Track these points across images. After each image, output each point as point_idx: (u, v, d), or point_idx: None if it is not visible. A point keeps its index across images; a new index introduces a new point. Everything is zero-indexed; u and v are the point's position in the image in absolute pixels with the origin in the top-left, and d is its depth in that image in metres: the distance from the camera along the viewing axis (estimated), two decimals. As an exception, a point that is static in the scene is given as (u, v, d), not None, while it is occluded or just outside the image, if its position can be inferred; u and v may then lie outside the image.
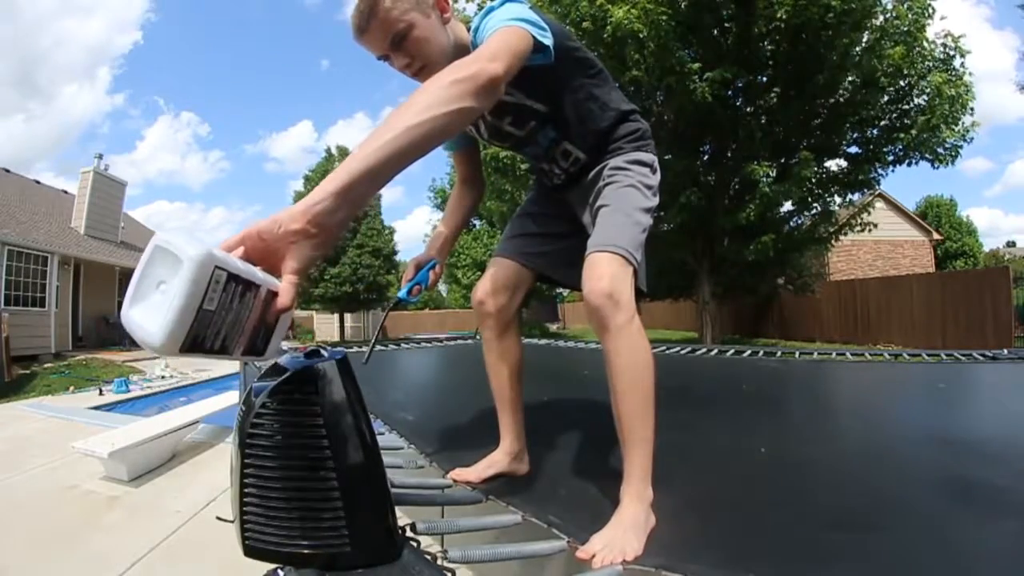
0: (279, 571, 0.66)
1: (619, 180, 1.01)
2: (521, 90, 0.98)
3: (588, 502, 0.97)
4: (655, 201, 1.02)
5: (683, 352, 3.84)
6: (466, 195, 1.25)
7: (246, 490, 0.65)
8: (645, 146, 1.07)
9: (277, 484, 0.64)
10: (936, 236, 17.02)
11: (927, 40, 7.39)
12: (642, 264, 0.95)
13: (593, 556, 0.76)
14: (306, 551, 0.63)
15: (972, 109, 7.58)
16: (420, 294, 1.04)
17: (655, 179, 1.05)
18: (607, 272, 0.85)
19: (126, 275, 13.55)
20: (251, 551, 0.65)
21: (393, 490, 0.76)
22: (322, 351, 0.71)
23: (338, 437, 0.64)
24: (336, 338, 18.24)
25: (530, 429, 1.18)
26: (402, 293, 1.02)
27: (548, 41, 0.87)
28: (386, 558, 0.67)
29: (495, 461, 1.12)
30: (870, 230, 9.31)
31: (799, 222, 9.38)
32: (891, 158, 8.27)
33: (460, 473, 1.10)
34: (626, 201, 0.98)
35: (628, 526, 0.81)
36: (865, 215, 9.38)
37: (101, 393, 6.19)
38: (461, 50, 0.94)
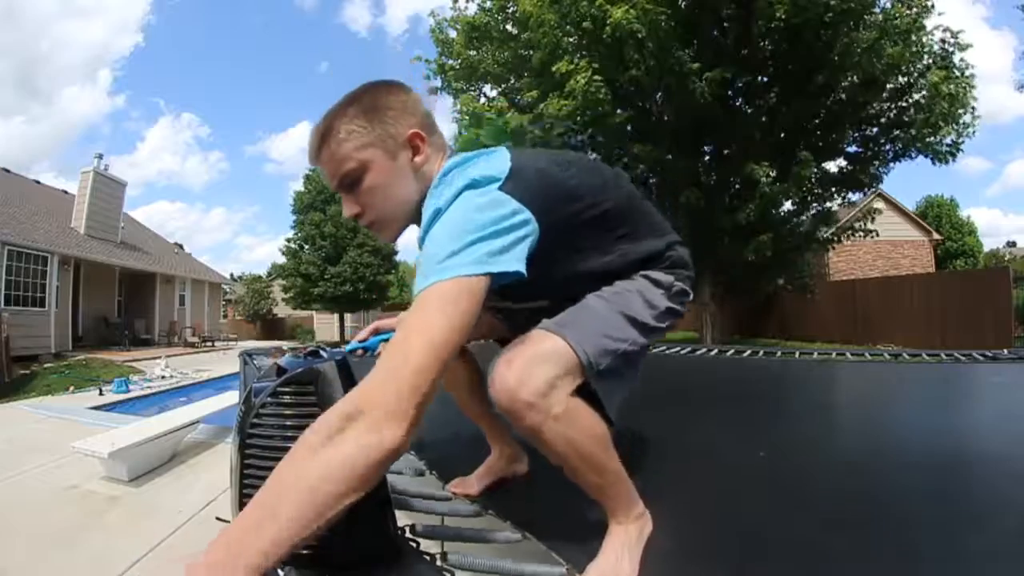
0: (279, 571, 0.66)
1: (620, 285, 0.83)
2: (509, 299, 0.78)
3: (589, 520, 0.95)
4: (655, 324, 0.81)
5: (683, 352, 3.84)
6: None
7: (246, 490, 0.65)
8: (672, 271, 0.88)
9: (277, 484, 0.64)
10: (936, 236, 17.00)
11: (926, 35, 7.36)
12: (619, 382, 0.76)
13: None
14: (306, 551, 0.63)
15: (974, 108, 7.57)
16: (363, 356, 0.94)
17: (666, 303, 0.83)
18: (525, 355, 0.67)
19: (126, 275, 13.54)
20: (251, 551, 0.65)
21: (393, 496, 0.76)
22: (322, 352, 0.71)
23: (338, 437, 0.64)
24: (336, 338, 18.22)
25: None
26: (348, 347, 0.91)
27: (519, 262, 0.64)
28: (386, 559, 0.67)
29: (493, 468, 1.10)
30: (874, 237, 9.31)
31: (799, 222, 9.38)
32: (891, 155, 8.28)
33: (459, 484, 1.08)
34: (619, 299, 0.80)
35: (619, 550, 0.79)
36: (869, 222, 9.31)
37: (101, 393, 6.18)
38: None
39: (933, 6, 7.15)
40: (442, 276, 0.59)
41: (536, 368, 0.66)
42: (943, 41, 7.53)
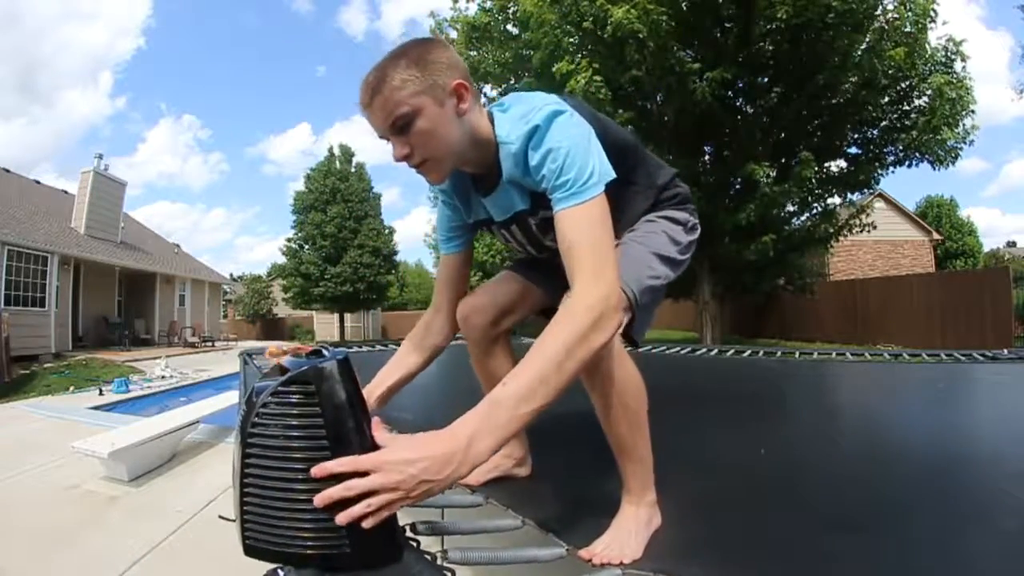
0: (279, 571, 0.65)
1: (646, 228, 0.95)
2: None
3: (589, 508, 0.97)
4: (681, 258, 0.95)
5: (683, 352, 3.84)
6: (435, 330, 1.02)
7: (247, 490, 0.65)
8: (683, 208, 1.01)
9: (278, 484, 0.64)
10: (936, 236, 17.00)
11: (928, 43, 7.38)
12: (648, 314, 0.86)
13: (592, 557, 0.77)
14: (306, 551, 0.63)
15: (973, 111, 7.59)
16: None
17: (686, 238, 0.97)
18: None
19: (126, 275, 13.54)
20: (252, 551, 0.65)
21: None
22: (324, 351, 0.71)
23: (339, 437, 0.64)
24: (336, 338, 18.22)
25: (531, 431, 1.18)
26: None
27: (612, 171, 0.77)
28: (386, 558, 0.67)
29: (496, 464, 1.11)
30: (869, 231, 9.33)
31: (800, 222, 9.38)
32: (891, 159, 8.28)
33: None
34: (649, 240, 0.92)
35: (629, 529, 0.81)
36: (865, 216, 9.39)
37: (101, 393, 6.18)
38: (479, 146, 0.82)
39: (936, 14, 7.14)
40: (591, 199, 0.72)
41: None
42: (945, 49, 7.53)
